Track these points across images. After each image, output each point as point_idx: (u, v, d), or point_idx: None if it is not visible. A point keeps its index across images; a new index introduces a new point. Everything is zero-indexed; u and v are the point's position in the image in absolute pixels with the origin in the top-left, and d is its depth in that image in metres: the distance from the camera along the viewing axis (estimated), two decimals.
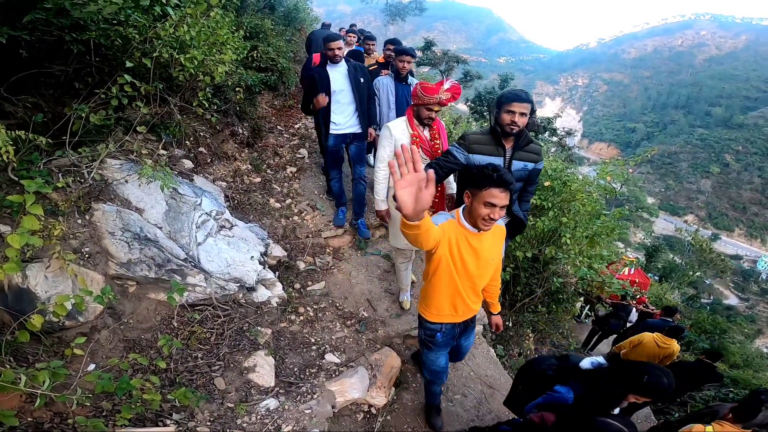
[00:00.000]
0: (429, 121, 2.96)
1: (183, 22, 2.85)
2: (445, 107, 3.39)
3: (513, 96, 2.60)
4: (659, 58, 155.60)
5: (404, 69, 4.15)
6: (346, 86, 3.89)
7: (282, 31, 8.37)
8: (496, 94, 16.78)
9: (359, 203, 4.39)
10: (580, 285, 4.66)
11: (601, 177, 4.60)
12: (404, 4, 26.02)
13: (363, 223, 4.49)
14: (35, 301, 2.03)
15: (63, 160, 2.51)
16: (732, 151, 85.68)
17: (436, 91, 2.78)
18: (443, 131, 3.15)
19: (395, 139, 2.96)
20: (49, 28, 2.40)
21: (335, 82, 3.83)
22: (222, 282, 2.98)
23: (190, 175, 3.68)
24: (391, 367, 3.10)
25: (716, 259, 29.52)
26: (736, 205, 78.51)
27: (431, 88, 2.79)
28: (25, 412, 1.80)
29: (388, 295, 3.90)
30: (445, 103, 2.87)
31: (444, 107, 3.06)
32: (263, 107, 7.00)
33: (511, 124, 2.61)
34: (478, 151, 2.75)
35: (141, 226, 2.67)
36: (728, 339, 12.43)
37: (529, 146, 2.82)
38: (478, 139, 2.78)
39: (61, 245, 2.20)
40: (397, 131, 2.98)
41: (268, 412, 2.38)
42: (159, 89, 3.15)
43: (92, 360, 2.20)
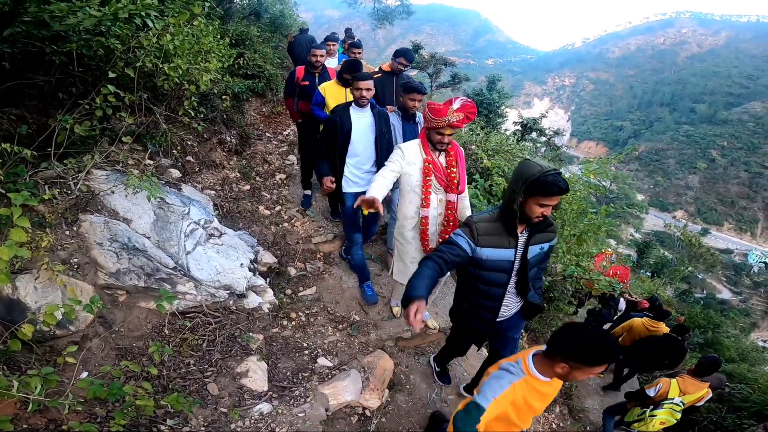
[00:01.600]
0: (442, 146, 2.68)
1: (166, 31, 2.87)
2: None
3: (553, 187, 1.91)
4: (643, 56, 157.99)
5: (413, 108, 3.63)
6: (370, 138, 3.37)
7: (269, 38, 8.42)
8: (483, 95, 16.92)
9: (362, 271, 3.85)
10: (569, 283, 4.71)
11: (585, 175, 4.68)
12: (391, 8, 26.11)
13: (369, 286, 3.90)
14: (26, 311, 2.05)
15: (49, 171, 2.52)
16: (717, 147, 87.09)
17: (444, 112, 2.48)
18: (461, 158, 2.84)
19: (407, 161, 2.69)
20: (30, 40, 2.41)
21: (358, 132, 3.31)
22: (212, 289, 3.00)
23: (177, 184, 3.69)
24: (383, 369, 3.12)
25: (706, 253, 29.92)
26: (724, 200, 79.76)
27: (439, 109, 2.49)
28: (21, 419, 1.82)
29: (379, 299, 3.92)
30: (456, 125, 2.56)
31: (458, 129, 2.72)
32: (251, 114, 7.02)
33: (541, 216, 2.05)
34: (486, 244, 2.13)
35: (129, 236, 2.68)
36: (722, 333, 12.54)
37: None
38: (487, 228, 2.14)
39: (50, 256, 2.21)
40: (410, 154, 2.70)
41: (262, 416, 2.40)
42: (144, 99, 3.16)
43: (85, 368, 2.21)
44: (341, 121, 3.25)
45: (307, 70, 4.48)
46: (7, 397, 1.46)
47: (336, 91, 3.98)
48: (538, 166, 1.94)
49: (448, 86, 20.68)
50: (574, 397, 4.90)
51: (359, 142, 3.31)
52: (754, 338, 22.26)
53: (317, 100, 4.01)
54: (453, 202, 2.81)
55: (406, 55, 4.26)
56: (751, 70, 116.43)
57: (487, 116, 15.79)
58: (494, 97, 16.85)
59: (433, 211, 2.81)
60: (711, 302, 30.86)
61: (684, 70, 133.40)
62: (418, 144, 2.73)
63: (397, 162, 2.68)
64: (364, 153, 3.37)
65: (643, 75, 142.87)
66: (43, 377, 1.53)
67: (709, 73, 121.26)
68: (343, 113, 3.27)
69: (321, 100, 4.02)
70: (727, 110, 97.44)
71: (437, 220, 2.86)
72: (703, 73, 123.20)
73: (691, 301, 21.17)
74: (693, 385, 3.90)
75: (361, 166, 3.40)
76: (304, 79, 4.44)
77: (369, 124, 3.34)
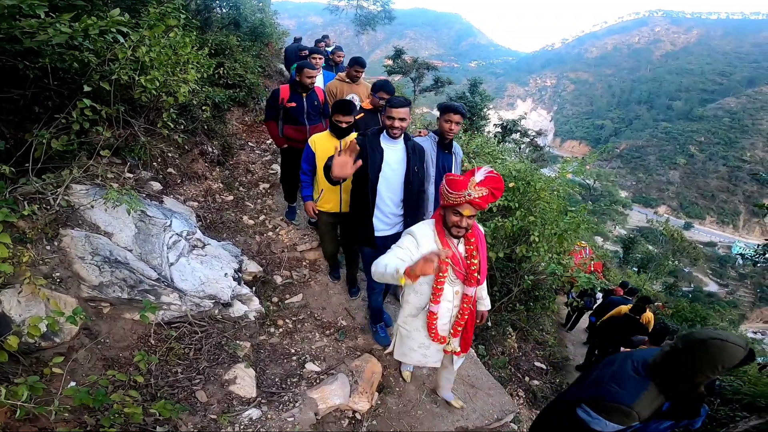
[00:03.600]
0: (459, 232, 2.14)
1: (142, 43, 2.88)
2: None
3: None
4: (619, 55, 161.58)
5: (450, 132, 3.11)
6: (400, 173, 2.86)
7: (249, 47, 8.42)
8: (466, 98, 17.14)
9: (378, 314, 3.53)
10: (551, 281, 4.81)
11: (562, 175, 4.79)
12: (374, 13, 26.33)
13: (383, 328, 3.58)
14: (10, 324, 2.05)
15: (28, 187, 2.51)
16: (695, 143, 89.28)
17: (464, 185, 1.99)
18: (483, 244, 2.38)
19: (421, 251, 2.08)
20: (2, 55, 2.41)
21: (389, 165, 2.80)
22: (197, 299, 3.00)
23: (159, 196, 3.69)
24: (372, 372, 3.15)
25: (688, 247, 30.48)
26: (704, 194, 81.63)
27: (457, 181, 2.00)
28: (11, 428, 1.83)
29: (365, 304, 3.95)
30: (478, 203, 2.04)
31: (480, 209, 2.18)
32: (233, 124, 7.01)
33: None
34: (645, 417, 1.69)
35: (110, 249, 2.68)
36: (710, 326, 12.75)
37: None
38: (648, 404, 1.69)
39: (32, 271, 2.21)
40: (426, 242, 2.16)
41: (251, 421, 2.42)
42: (121, 112, 3.14)
43: (72, 378, 2.22)
44: (372, 153, 2.70)
45: (293, 90, 4.07)
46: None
47: (329, 143, 3.28)
48: (741, 350, 1.55)
49: (431, 90, 20.91)
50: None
51: (389, 180, 2.82)
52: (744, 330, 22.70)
53: (307, 156, 3.33)
54: (470, 295, 2.37)
55: (386, 87, 3.80)
56: (723, 67, 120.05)
57: (471, 119, 16.00)
58: (477, 99, 17.09)
59: (447, 304, 2.39)
60: (698, 295, 31.44)
61: (659, 68, 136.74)
62: (433, 230, 2.21)
63: (406, 249, 2.11)
64: (392, 191, 2.88)
65: (620, 74, 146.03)
66: (29, 386, 1.56)
67: (684, 71, 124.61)
68: (373, 142, 2.75)
69: (312, 158, 3.31)
70: (702, 106, 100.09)
71: (451, 312, 2.44)
72: (678, 70, 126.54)
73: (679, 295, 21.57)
74: None
75: (388, 204, 2.93)
76: (291, 101, 4.03)
77: (401, 158, 2.83)
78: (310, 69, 3.94)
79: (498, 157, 5.63)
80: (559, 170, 5.00)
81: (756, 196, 74.81)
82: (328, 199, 3.35)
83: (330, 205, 3.37)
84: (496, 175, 2.05)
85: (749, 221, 76.98)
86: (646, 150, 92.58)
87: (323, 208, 3.40)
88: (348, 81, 4.50)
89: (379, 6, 26.05)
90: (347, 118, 3.16)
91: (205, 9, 7.91)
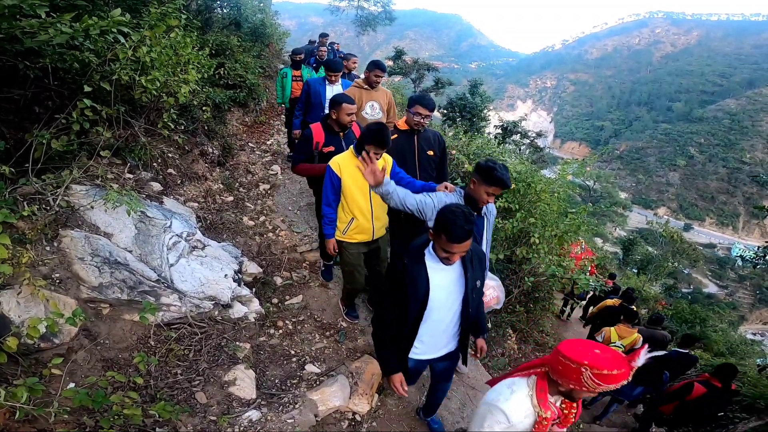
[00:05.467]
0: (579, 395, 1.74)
1: (142, 43, 2.88)
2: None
3: None
4: (619, 56, 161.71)
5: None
6: (455, 296, 2.13)
7: (249, 47, 8.43)
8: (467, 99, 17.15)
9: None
10: (551, 283, 4.80)
11: (563, 177, 4.79)
12: (374, 14, 26.35)
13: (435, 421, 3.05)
14: (9, 325, 2.04)
15: (27, 188, 2.51)
16: (695, 144, 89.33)
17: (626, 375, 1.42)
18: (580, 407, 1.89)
19: (513, 423, 1.61)
20: (3, 55, 2.41)
21: (438, 289, 2.04)
22: (197, 300, 3.00)
23: (159, 197, 3.68)
24: (372, 374, 3.14)
25: (688, 248, 30.50)
26: (704, 195, 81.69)
27: (617, 375, 1.40)
28: (10, 429, 1.83)
29: (365, 305, 3.95)
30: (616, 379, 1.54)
31: None
32: (234, 124, 7.02)
33: None
34: None
35: (110, 250, 2.67)
36: (709, 327, 12.71)
37: None
38: None
39: (31, 272, 2.21)
40: (518, 413, 1.62)
41: (251, 423, 2.42)
42: (121, 112, 3.14)
43: (71, 379, 2.22)
44: (414, 280, 1.99)
45: (328, 131, 3.26)
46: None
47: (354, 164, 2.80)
48: None
49: (432, 91, 20.92)
50: None
51: (439, 308, 2.09)
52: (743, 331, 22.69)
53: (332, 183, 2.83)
54: None
55: (423, 101, 3.17)
56: (723, 68, 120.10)
57: (471, 120, 16.01)
58: (477, 101, 17.09)
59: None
60: (698, 297, 31.46)
61: (659, 70, 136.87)
62: (530, 395, 1.66)
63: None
64: (443, 318, 2.16)
65: (620, 75, 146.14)
66: (28, 387, 1.56)
67: (684, 72, 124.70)
68: (414, 268, 1.99)
69: (337, 185, 2.83)
70: (702, 108, 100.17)
71: None
72: (678, 71, 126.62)
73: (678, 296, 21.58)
74: (626, 331, 5.20)
75: (437, 330, 2.20)
76: (328, 144, 3.25)
77: (455, 278, 2.09)
78: (350, 104, 3.14)
79: (498, 158, 5.63)
80: (559, 172, 5.01)
81: (756, 197, 74.78)
82: (361, 228, 2.96)
83: (362, 235, 3.00)
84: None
85: (749, 223, 77.03)
86: (645, 151, 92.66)
87: (354, 239, 3.01)
88: (366, 87, 4.05)
89: (379, 7, 26.07)
90: (382, 151, 2.68)
91: (206, 9, 7.92)
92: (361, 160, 2.48)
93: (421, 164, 3.35)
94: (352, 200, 2.87)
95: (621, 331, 5.24)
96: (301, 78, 5.80)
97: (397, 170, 2.97)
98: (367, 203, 2.92)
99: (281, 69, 5.86)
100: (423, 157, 3.35)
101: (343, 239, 3.03)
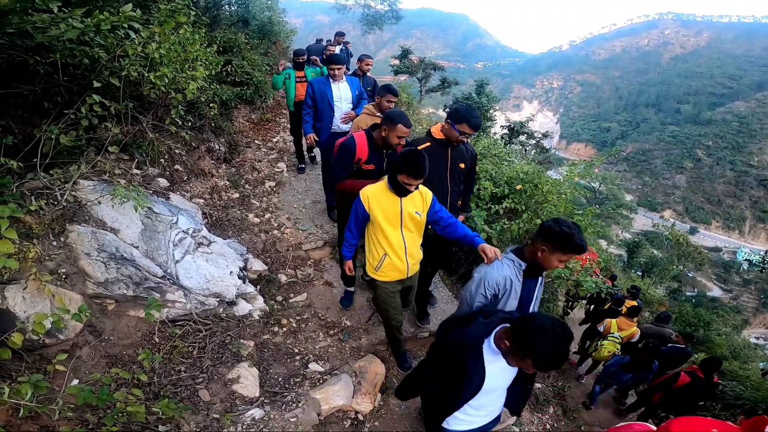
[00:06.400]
0: None
1: (152, 39, 2.88)
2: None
3: None
4: (628, 58, 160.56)
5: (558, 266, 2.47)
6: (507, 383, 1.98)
7: (257, 45, 8.43)
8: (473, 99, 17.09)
9: None
10: (557, 284, 4.77)
11: (570, 178, 4.76)
12: (381, 13, 26.35)
13: None
14: (15, 320, 2.05)
15: (35, 182, 2.51)
16: (703, 147, 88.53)
17: None
18: None
19: None
20: (13, 50, 2.41)
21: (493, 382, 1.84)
22: (201, 297, 3.00)
23: (165, 193, 3.68)
24: (375, 373, 3.14)
25: (694, 252, 30.31)
26: (711, 199, 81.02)
27: None
28: (13, 426, 1.83)
29: (370, 304, 3.94)
30: None
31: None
32: (240, 122, 7.02)
33: None
34: None
35: (117, 246, 2.68)
36: (713, 331, 12.65)
37: None
38: None
39: (37, 267, 2.21)
40: None
41: (254, 421, 2.42)
42: (130, 108, 3.15)
43: (75, 376, 2.22)
44: (470, 376, 1.82)
45: (372, 146, 3.02)
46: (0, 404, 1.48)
47: (387, 201, 2.54)
48: None
49: (438, 90, 20.87)
50: (568, 398, 4.95)
51: (491, 393, 1.94)
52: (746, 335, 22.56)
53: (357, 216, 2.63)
54: None
55: (471, 121, 2.86)
56: (733, 71, 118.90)
57: None
58: (483, 100, 17.04)
59: None
60: (702, 300, 31.27)
61: (668, 71, 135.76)
62: None
63: None
64: (494, 402, 2.06)
65: (628, 76, 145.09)
66: (33, 384, 1.55)
67: (693, 74, 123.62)
68: (470, 359, 1.79)
69: (364, 220, 2.64)
70: (711, 110, 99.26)
71: None
72: (687, 73, 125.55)
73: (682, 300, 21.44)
74: (626, 323, 5.63)
75: (484, 410, 2.06)
76: (369, 162, 3.04)
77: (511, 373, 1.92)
78: (406, 127, 2.82)
79: (505, 158, 5.60)
80: (566, 173, 4.97)
81: (763, 201, 74.01)
82: (393, 266, 2.69)
83: (396, 273, 2.74)
84: None
85: (755, 227, 76.40)
86: (652, 153, 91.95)
87: (387, 278, 2.75)
88: (379, 115, 3.63)
89: (386, 5, 26.05)
90: (418, 182, 2.42)
91: (214, 6, 7.91)
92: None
93: (452, 177, 3.13)
94: (383, 237, 2.61)
95: (621, 324, 5.61)
96: (305, 79, 5.65)
97: (437, 208, 2.65)
98: (399, 240, 2.62)
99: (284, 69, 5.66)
100: (455, 170, 3.12)
101: (376, 277, 2.75)
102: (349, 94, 4.45)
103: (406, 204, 2.55)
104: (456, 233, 2.63)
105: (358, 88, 4.54)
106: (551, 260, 2.11)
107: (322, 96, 4.35)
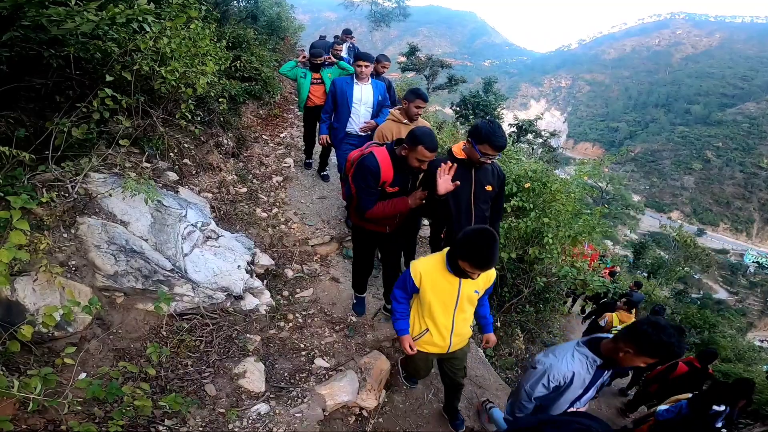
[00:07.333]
0: None
1: (163, 34, 2.89)
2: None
3: None
4: (638, 57, 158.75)
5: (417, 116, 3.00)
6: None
7: (265, 41, 8.44)
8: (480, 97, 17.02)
9: None
10: (564, 284, 4.76)
11: (578, 177, 4.74)
12: (388, 10, 26.34)
13: None
14: (24, 312, 2.06)
15: (46, 174, 2.53)
16: (712, 148, 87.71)
17: None
18: None
19: None
20: (27, 44, 2.43)
21: None
22: (209, 291, 3.01)
23: (175, 187, 3.70)
24: (380, 370, 3.14)
25: (701, 254, 30.07)
26: (719, 200, 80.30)
27: None
28: (20, 420, 1.83)
29: (376, 300, 3.94)
30: None
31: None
32: (248, 117, 7.04)
33: None
34: None
35: (126, 238, 2.70)
36: (718, 333, 12.61)
37: None
38: None
39: (48, 259, 2.22)
40: None
41: (259, 416, 2.42)
42: (141, 102, 3.17)
43: (83, 369, 2.23)
44: None
45: (397, 168, 2.71)
46: (7, 398, 1.48)
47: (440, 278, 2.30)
48: None
49: (445, 88, 20.82)
50: None
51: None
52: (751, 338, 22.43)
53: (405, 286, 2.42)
54: None
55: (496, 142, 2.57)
56: (745, 71, 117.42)
57: (484, 118, 15.90)
58: (490, 99, 16.98)
59: None
60: (707, 302, 31.07)
61: (679, 71, 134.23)
62: None
63: None
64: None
65: (638, 76, 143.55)
66: (42, 378, 1.55)
67: (704, 74, 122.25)
68: None
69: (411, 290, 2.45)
70: (721, 111, 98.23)
71: None
72: (698, 74, 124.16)
73: (688, 301, 21.33)
74: (626, 316, 5.75)
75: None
76: (394, 185, 2.77)
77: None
78: (429, 150, 2.51)
79: (513, 157, 5.58)
80: (575, 172, 4.94)
81: None
82: (435, 341, 2.47)
83: (435, 348, 2.52)
84: None
85: (763, 229, 75.65)
86: (661, 154, 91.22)
87: (426, 350, 2.54)
88: (405, 121, 3.47)
89: (393, 3, 26.01)
90: (480, 272, 2.15)
91: (224, 2, 7.94)
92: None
93: (476, 201, 2.85)
94: (429, 313, 2.37)
95: (621, 317, 5.82)
96: (321, 81, 5.32)
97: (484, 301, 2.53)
98: (448, 320, 2.39)
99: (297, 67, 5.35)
100: (480, 192, 2.84)
101: (413, 344, 2.51)
102: (370, 98, 4.26)
103: (466, 285, 2.27)
104: (480, 310, 2.59)
105: (381, 94, 4.32)
106: (634, 361, 1.92)
107: (342, 94, 4.22)
